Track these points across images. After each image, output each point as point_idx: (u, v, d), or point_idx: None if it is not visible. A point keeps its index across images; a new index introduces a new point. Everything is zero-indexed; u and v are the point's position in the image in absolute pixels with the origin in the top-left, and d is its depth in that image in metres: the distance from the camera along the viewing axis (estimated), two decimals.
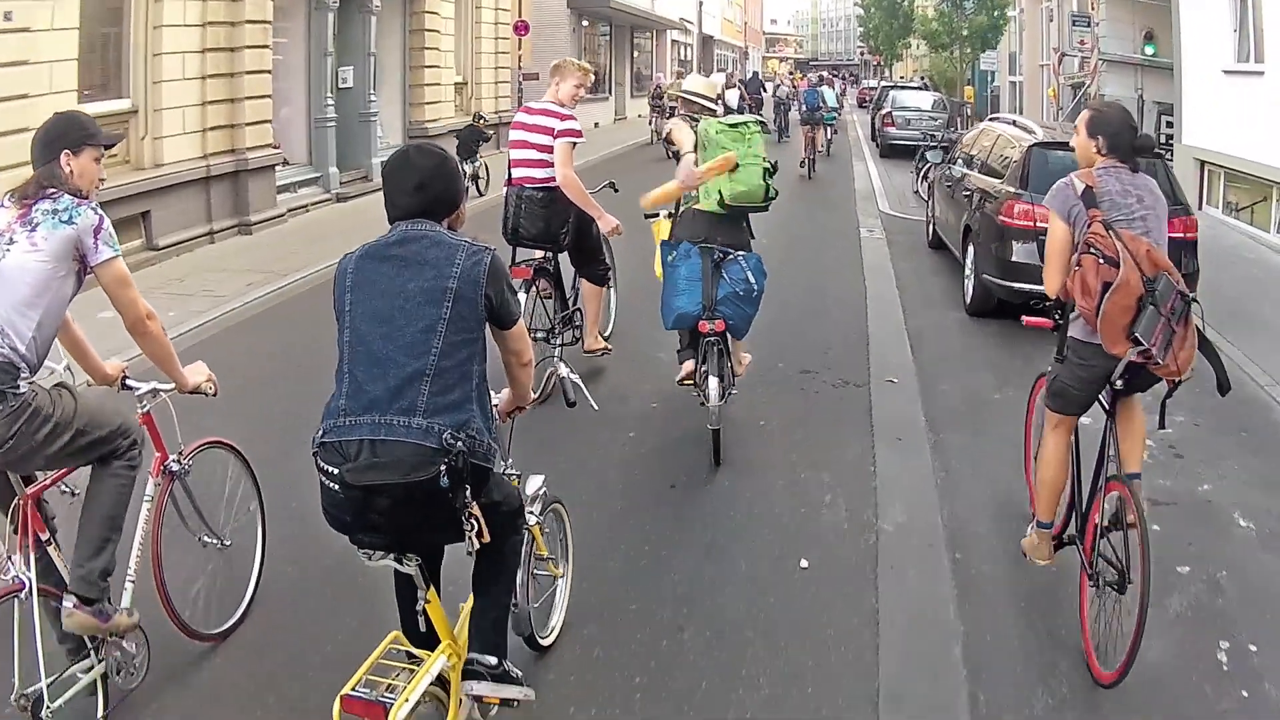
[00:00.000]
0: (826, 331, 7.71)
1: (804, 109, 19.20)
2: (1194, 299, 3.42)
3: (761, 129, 5.31)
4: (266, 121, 11.60)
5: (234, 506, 3.64)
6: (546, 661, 3.36)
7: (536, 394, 4.76)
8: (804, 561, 4.08)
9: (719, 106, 5.91)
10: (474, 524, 2.45)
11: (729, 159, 4.98)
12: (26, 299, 2.73)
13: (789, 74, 46.79)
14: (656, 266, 5.57)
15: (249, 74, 11.16)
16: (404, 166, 2.63)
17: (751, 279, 5.07)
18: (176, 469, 3.30)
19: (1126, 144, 3.59)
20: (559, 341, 6.02)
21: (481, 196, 14.03)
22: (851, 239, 11.98)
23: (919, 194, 15.29)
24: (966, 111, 29.59)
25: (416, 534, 2.52)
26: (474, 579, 2.77)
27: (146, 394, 3.21)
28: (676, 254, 5.18)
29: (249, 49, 11.13)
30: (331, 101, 13.68)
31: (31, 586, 2.73)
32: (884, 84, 36.95)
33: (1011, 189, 7.92)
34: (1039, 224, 7.01)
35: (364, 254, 2.58)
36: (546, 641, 3.43)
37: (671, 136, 5.44)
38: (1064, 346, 3.62)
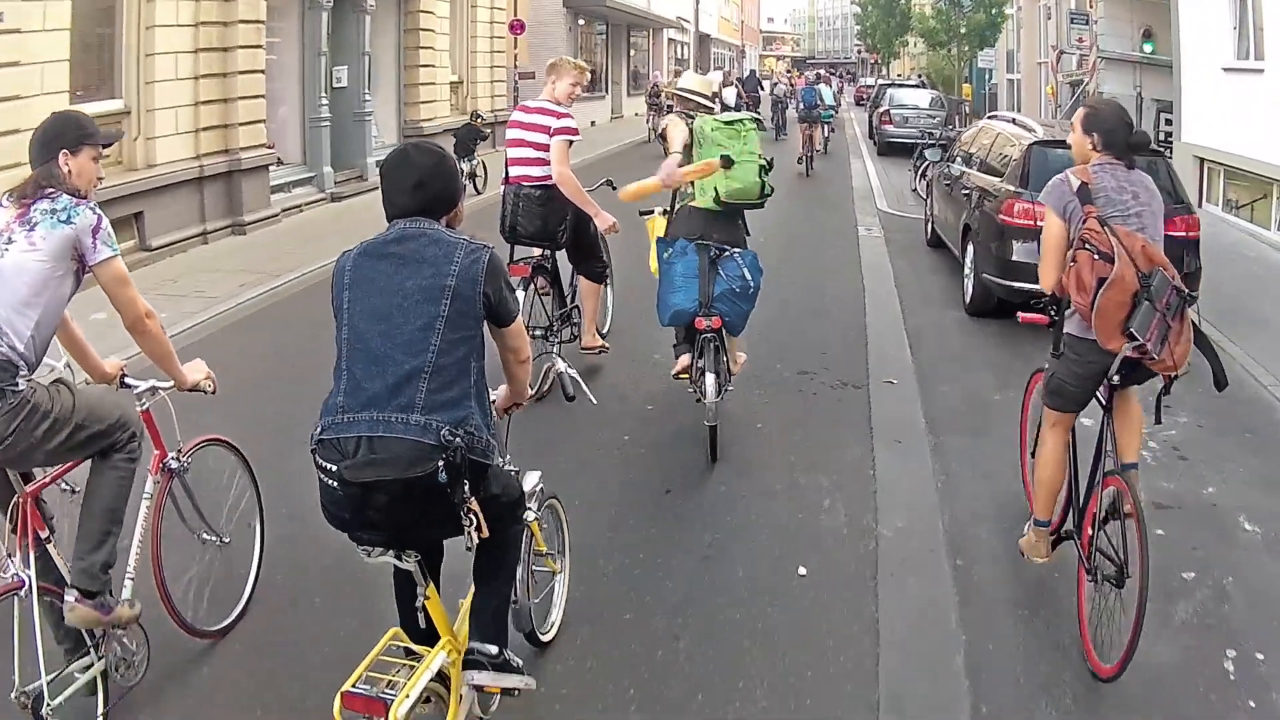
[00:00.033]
0: (825, 331, 7.64)
1: (801, 107, 19.39)
2: (1195, 297, 3.40)
3: (757, 126, 5.33)
4: (260, 121, 11.53)
5: (233, 504, 3.65)
6: (539, 672, 3.28)
7: (534, 390, 4.74)
8: (802, 569, 4.00)
9: (715, 104, 5.89)
10: (473, 519, 2.46)
11: (711, 165, 5.04)
12: (25, 298, 2.73)
13: (786, 72, 46.74)
14: (652, 263, 5.57)
15: (242, 74, 11.09)
16: (403, 165, 2.62)
17: (748, 276, 5.08)
18: (175, 467, 3.32)
19: (1122, 141, 3.60)
20: (557, 339, 6.05)
21: (479, 195, 14.02)
22: (849, 237, 11.92)
23: (917, 192, 15.26)
24: (964, 109, 29.56)
25: (415, 530, 2.52)
26: (474, 570, 2.77)
27: (145, 392, 3.23)
28: (673, 251, 5.19)
29: (242, 49, 11.05)
30: (326, 101, 13.60)
31: (31, 584, 2.73)
32: (881, 82, 36.93)
33: (1011, 187, 7.86)
34: (1039, 223, 6.92)
35: (362, 251, 2.58)
36: (546, 637, 3.42)
37: (666, 133, 5.46)
38: (1060, 343, 3.62)
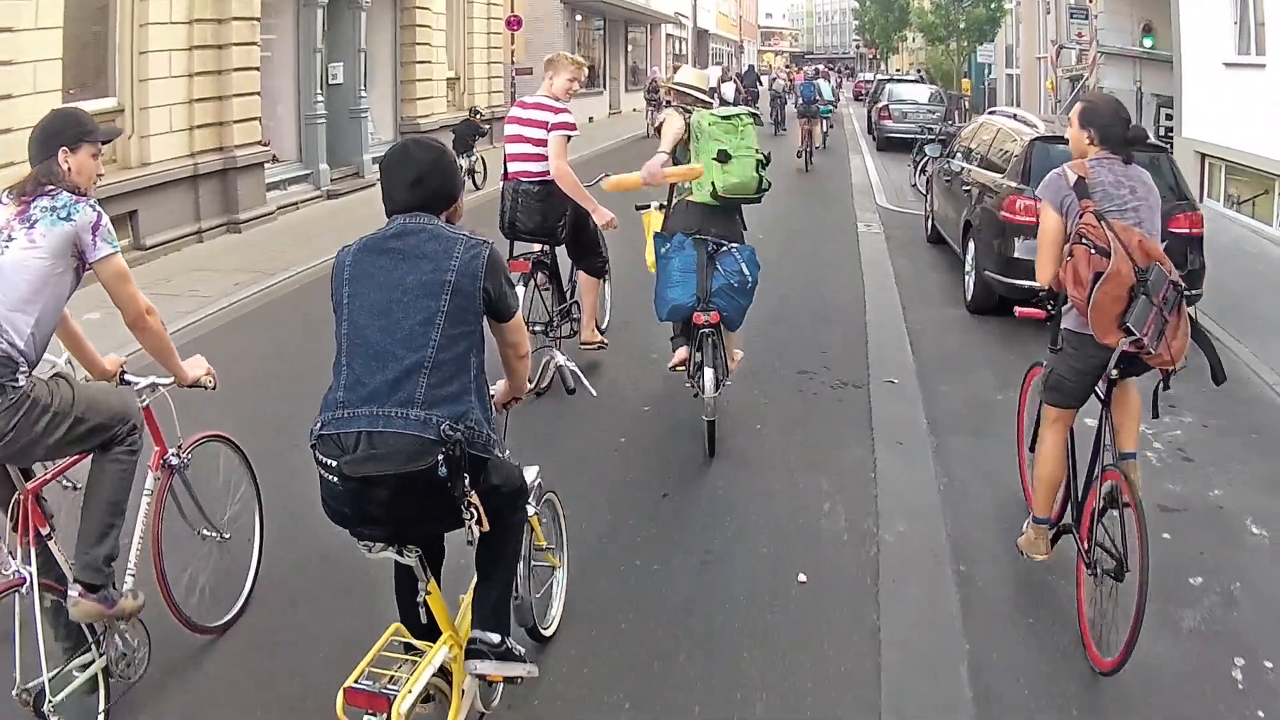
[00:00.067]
0: (824, 330, 7.57)
1: (800, 102, 19.38)
2: (1199, 295, 3.37)
3: (754, 121, 5.35)
4: (255, 119, 11.44)
5: (232, 500, 3.66)
6: (530, 686, 3.20)
7: (532, 384, 4.74)
8: (802, 576, 3.92)
9: (713, 99, 5.89)
10: (473, 513, 2.45)
11: (695, 170, 5.13)
12: (25, 296, 2.73)
13: (785, 67, 46.68)
14: (648, 258, 5.55)
15: (237, 71, 11.00)
16: (403, 160, 2.62)
17: (746, 271, 5.09)
18: (176, 463, 3.32)
19: (1118, 136, 3.59)
20: (557, 334, 6.06)
21: (478, 190, 13.97)
22: (849, 233, 11.85)
23: (916, 188, 15.19)
24: (964, 104, 29.45)
25: (416, 525, 2.51)
26: (477, 560, 2.76)
27: (145, 389, 3.23)
28: (670, 246, 5.19)
29: (236, 46, 10.96)
30: (321, 98, 13.50)
31: (32, 581, 2.73)
32: (880, 77, 36.83)
33: (1013, 184, 7.77)
34: None
35: (362, 247, 2.58)
36: (548, 632, 3.42)
37: (662, 129, 5.48)
38: (1058, 338, 3.62)
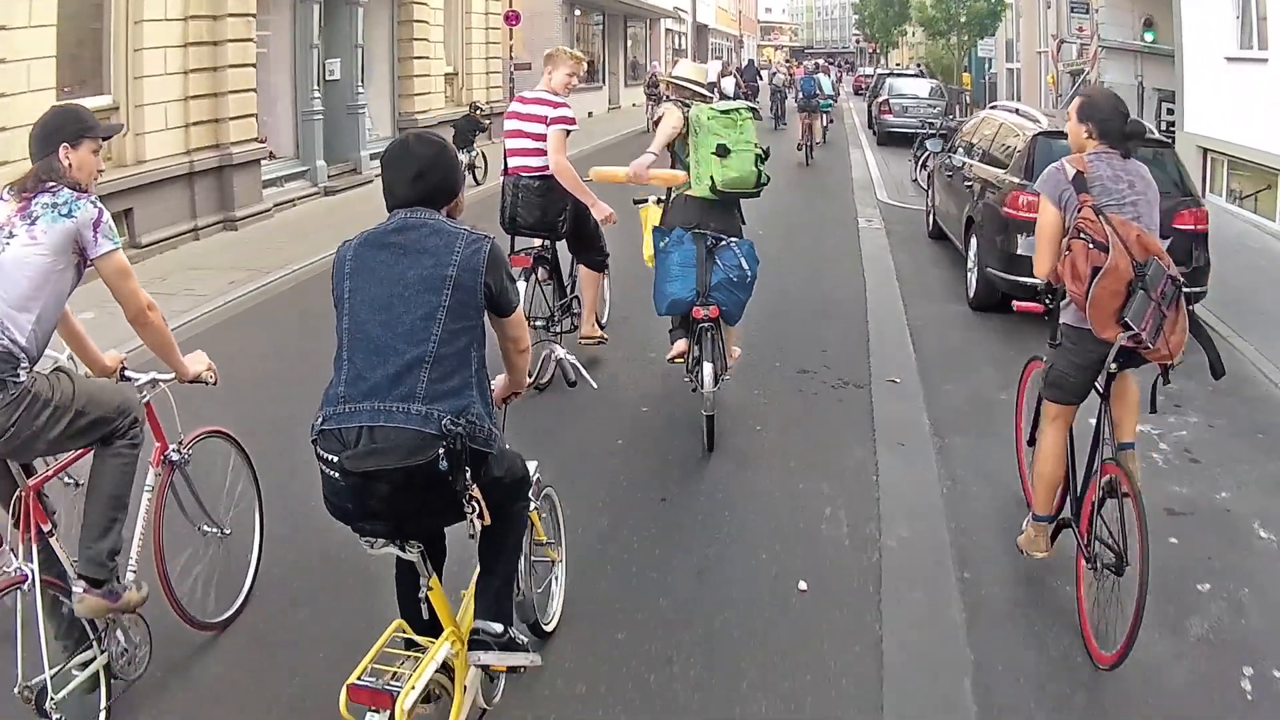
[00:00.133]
0: (825, 328, 7.49)
1: (800, 97, 19.39)
2: (1203, 292, 3.33)
3: (753, 115, 5.34)
4: (251, 115, 11.36)
5: (233, 496, 3.66)
6: (525, 698, 3.15)
7: (531, 378, 4.74)
8: (802, 584, 3.83)
9: (712, 93, 5.90)
10: (475, 506, 2.45)
11: (677, 176, 5.25)
12: (26, 292, 2.72)
13: (785, 62, 46.59)
14: (645, 251, 5.50)
15: (232, 68, 10.92)
16: (404, 155, 2.62)
17: (745, 265, 5.10)
18: (176, 458, 3.33)
19: (1117, 130, 3.58)
20: (558, 329, 6.05)
21: (479, 186, 13.94)
22: (849, 229, 11.78)
23: (917, 183, 15.11)
24: (965, 99, 29.35)
25: (417, 519, 2.50)
26: (479, 551, 2.75)
27: (146, 384, 3.23)
28: (669, 240, 5.18)
29: (232, 42, 10.88)
30: (318, 94, 13.43)
31: (34, 578, 2.72)
32: (880, 72, 36.72)
33: (1015, 179, 7.69)
34: None
35: (363, 241, 2.57)
36: (549, 627, 3.41)
37: (659, 124, 5.52)
38: (1057, 333, 3.61)
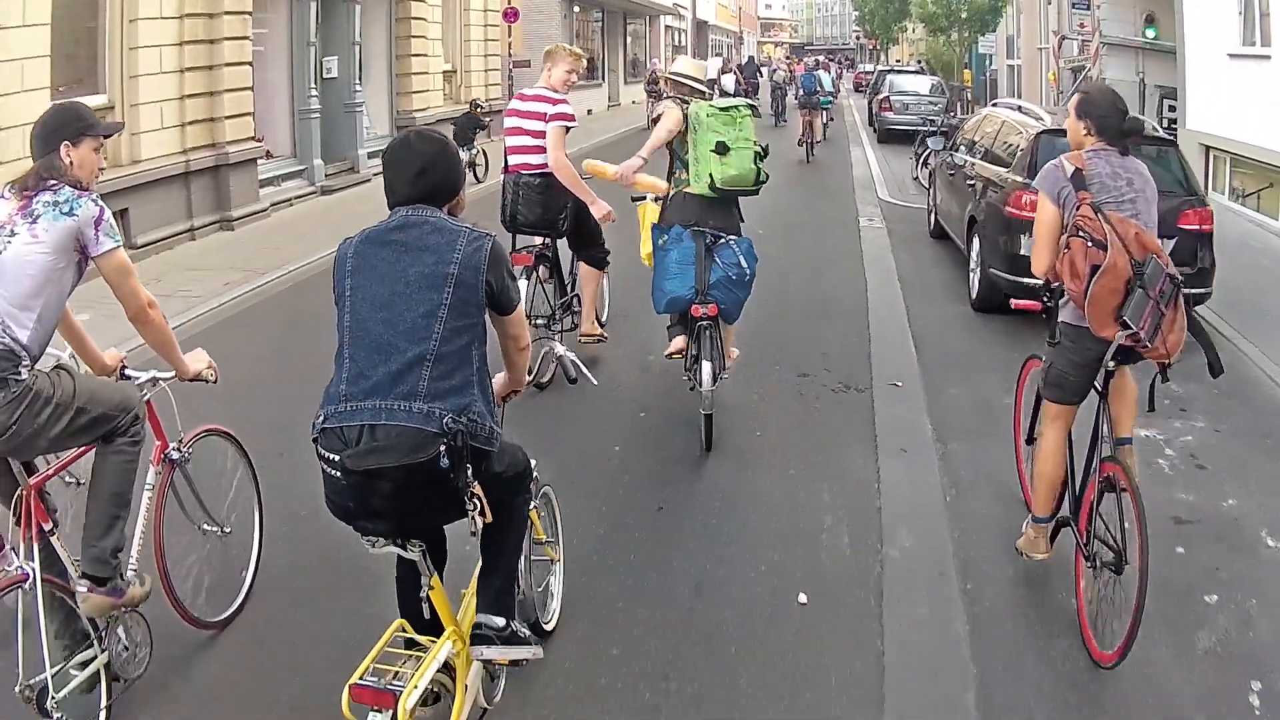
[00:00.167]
0: (825, 330, 7.42)
1: (801, 94, 19.34)
2: (1208, 294, 3.29)
3: (753, 113, 5.32)
4: (248, 114, 11.30)
5: (232, 495, 3.67)
6: (525, 698, 3.09)
7: (531, 376, 4.70)
8: (802, 596, 3.76)
9: (712, 90, 5.87)
10: (476, 504, 2.44)
11: (658, 187, 5.29)
12: (27, 291, 2.72)
13: (785, 59, 46.49)
14: (643, 249, 5.46)
15: (229, 66, 10.88)
16: (405, 152, 2.62)
17: (743, 263, 5.09)
18: (177, 457, 3.33)
19: (1115, 127, 3.57)
20: (559, 327, 6.03)
21: (479, 183, 13.90)
22: (850, 228, 11.70)
23: (919, 181, 15.02)
24: (966, 96, 29.24)
25: (418, 517, 2.50)
26: (482, 545, 2.75)
27: (146, 383, 3.23)
28: (668, 238, 5.15)
29: (228, 40, 10.83)
30: (315, 93, 13.36)
31: (35, 577, 2.72)
32: (880, 68, 36.60)
33: (1019, 178, 7.59)
34: None
35: (364, 239, 2.57)
36: (549, 626, 3.41)
37: (658, 120, 5.50)
38: (1056, 331, 3.60)
